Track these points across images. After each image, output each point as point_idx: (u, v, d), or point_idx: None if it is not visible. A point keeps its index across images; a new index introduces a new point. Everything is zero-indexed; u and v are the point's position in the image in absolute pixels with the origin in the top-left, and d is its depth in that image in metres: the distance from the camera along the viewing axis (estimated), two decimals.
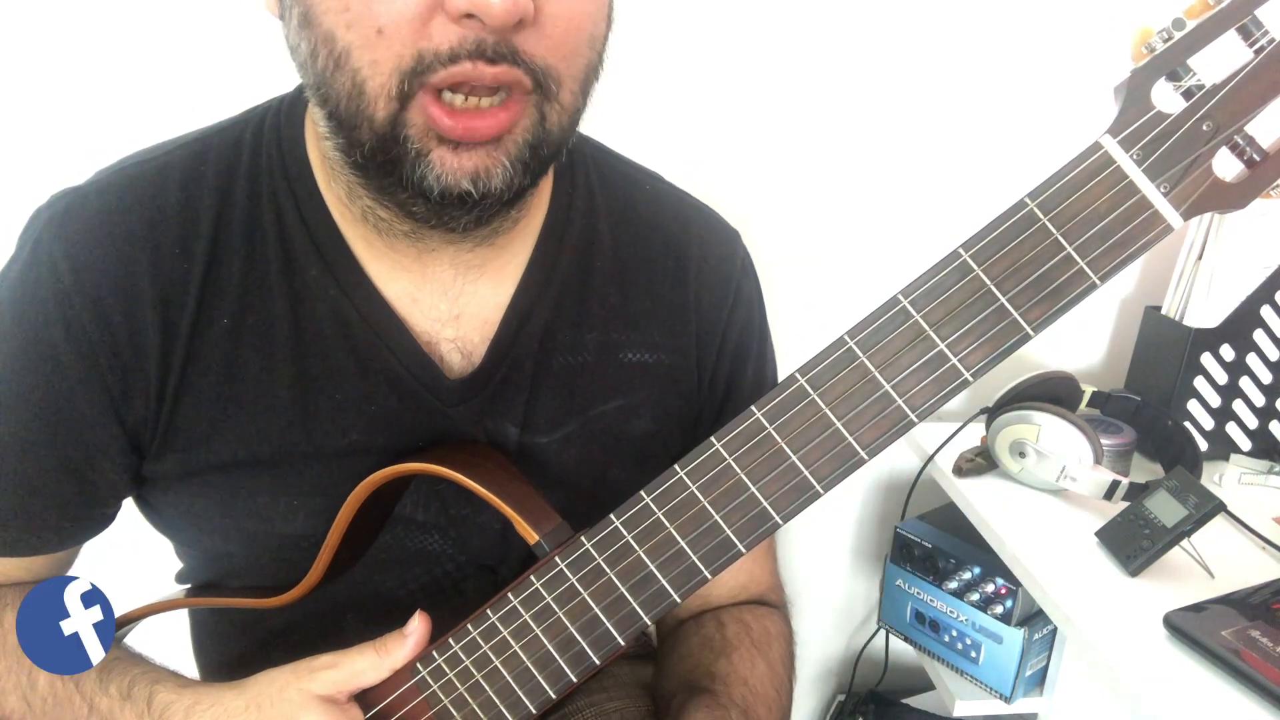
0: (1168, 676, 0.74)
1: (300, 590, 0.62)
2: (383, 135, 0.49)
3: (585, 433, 0.65)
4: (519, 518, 0.57)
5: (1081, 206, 0.44)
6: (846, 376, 0.48)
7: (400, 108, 0.48)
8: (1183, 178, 0.43)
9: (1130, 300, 1.22)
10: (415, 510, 0.64)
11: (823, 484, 0.49)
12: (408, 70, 0.47)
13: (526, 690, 0.57)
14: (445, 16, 0.46)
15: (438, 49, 0.46)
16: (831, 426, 0.48)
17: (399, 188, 0.51)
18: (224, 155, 0.60)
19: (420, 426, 0.61)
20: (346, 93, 0.49)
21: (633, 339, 0.65)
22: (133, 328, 0.57)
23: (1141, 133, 0.43)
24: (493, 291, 0.62)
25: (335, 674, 0.56)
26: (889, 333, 0.47)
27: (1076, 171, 0.44)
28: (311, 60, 0.50)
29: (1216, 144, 0.42)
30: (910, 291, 0.46)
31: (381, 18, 0.46)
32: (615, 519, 0.53)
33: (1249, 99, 0.42)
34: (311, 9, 0.48)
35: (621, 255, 0.65)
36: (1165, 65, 0.42)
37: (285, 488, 0.61)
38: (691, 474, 0.51)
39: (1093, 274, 0.44)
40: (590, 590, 0.54)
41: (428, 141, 0.49)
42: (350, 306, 0.59)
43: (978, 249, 0.45)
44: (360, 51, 0.47)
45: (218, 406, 0.59)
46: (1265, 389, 1.10)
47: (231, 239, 0.58)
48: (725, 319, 0.68)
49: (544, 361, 0.63)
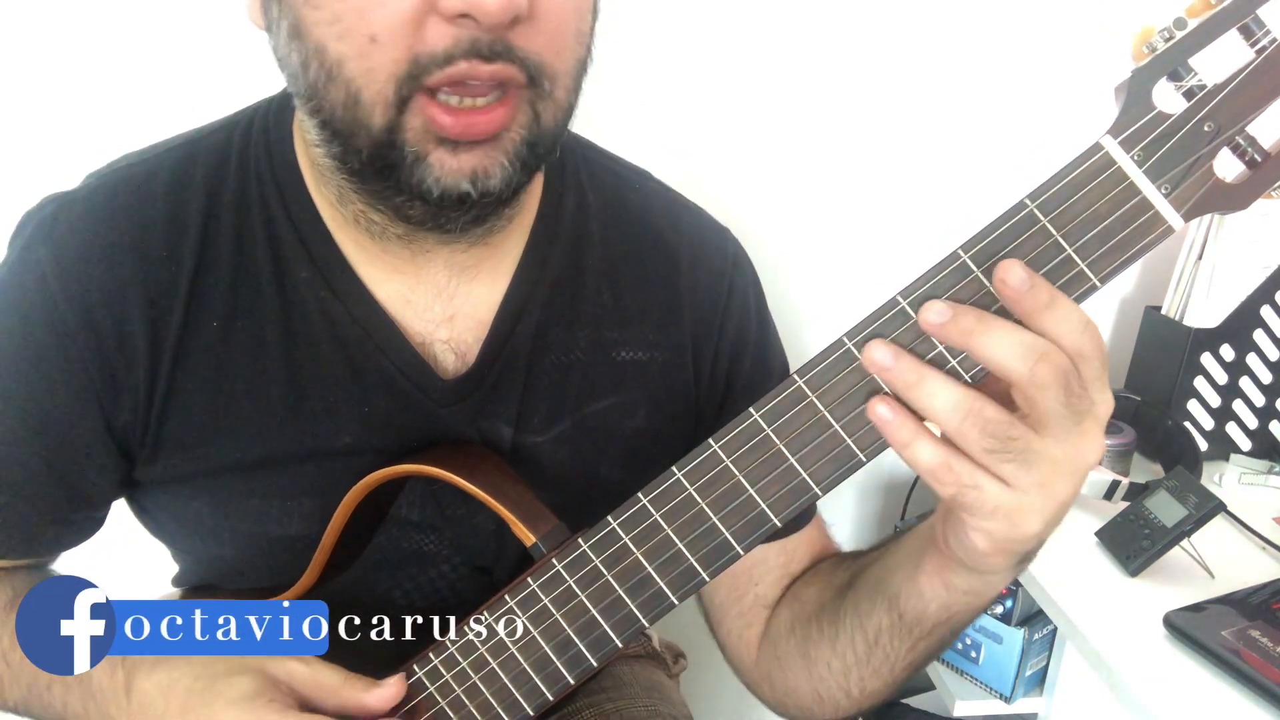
0: (1168, 676, 0.74)
1: (295, 592, 0.62)
2: (380, 141, 0.49)
3: (579, 431, 0.64)
4: (515, 519, 0.57)
5: (1082, 208, 0.43)
6: (845, 378, 0.47)
7: (398, 113, 0.48)
8: (1184, 179, 0.42)
9: (1130, 300, 1.23)
10: (410, 511, 0.63)
11: (821, 485, 0.49)
12: (404, 75, 0.47)
13: (524, 692, 0.56)
14: (439, 18, 0.46)
15: (433, 51, 0.46)
16: (830, 428, 0.48)
17: (396, 191, 0.51)
18: (211, 159, 0.60)
19: (414, 427, 0.61)
20: (341, 103, 0.49)
21: (625, 337, 0.65)
22: (120, 332, 0.57)
23: (1143, 133, 0.43)
24: (486, 291, 0.62)
25: (299, 666, 0.55)
26: (888, 334, 0.46)
27: (1077, 172, 0.43)
28: (303, 72, 0.49)
29: (1218, 145, 0.42)
30: (909, 292, 0.46)
31: (374, 25, 0.46)
32: (612, 520, 0.53)
33: (1250, 99, 0.41)
34: (300, 22, 0.48)
35: (612, 253, 0.65)
36: (1166, 65, 0.42)
37: (279, 490, 0.61)
38: (689, 475, 0.51)
39: (1093, 275, 0.44)
40: (588, 592, 0.54)
41: (426, 144, 0.49)
42: (342, 309, 0.59)
43: (977, 250, 0.45)
44: (354, 61, 0.47)
45: (209, 410, 0.59)
46: (1265, 389, 1.11)
47: (220, 242, 0.58)
48: (720, 315, 0.68)
49: (537, 360, 0.63)
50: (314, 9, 0.47)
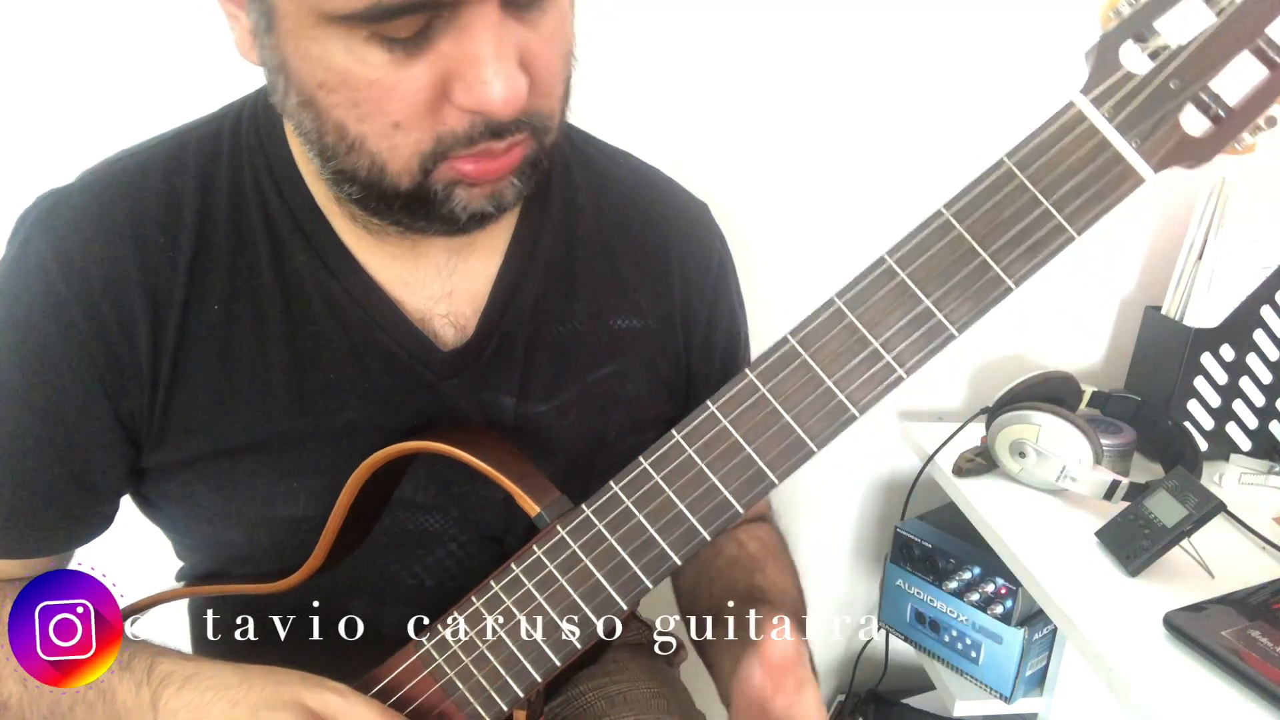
0: (1168, 676, 0.74)
1: (304, 573, 0.63)
2: (409, 195, 0.52)
3: (581, 399, 0.66)
4: (520, 491, 0.58)
5: (1057, 163, 0.46)
6: (837, 336, 0.49)
7: (425, 176, 0.51)
8: (1152, 132, 0.45)
9: (1130, 300, 1.23)
10: (415, 493, 0.65)
11: (816, 441, 0.51)
12: (428, 152, 0.50)
13: (531, 659, 0.57)
14: (453, 106, 0.49)
15: (455, 131, 0.49)
16: (823, 385, 0.50)
17: (424, 221, 0.54)
18: (204, 147, 0.61)
19: (416, 402, 0.62)
20: (366, 168, 0.51)
21: (621, 305, 0.67)
22: (123, 319, 0.58)
23: (1112, 91, 0.45)
24: (483, 265, 0.64)
25: (336, 698, 0.54)
26: (876, 291, 0.48)
27: (1052, 129, 0.46)
28: (317, 135, 0.51)
29: (1183, 100, 0.44)
30: (896, 251, 0.48)
31: (395, 114, 0.48)
32: (614, 485, 0.54)
33: (1211, 58, 0.44)
34: (313, 99, 0.50)
35: (603, 225, 0.67)
36: (1132, 28, 0.45)
37: (285, 470, 0.62)
38: (688, 437, 0.52)
39: (1070, 227, 0.46)
40: (592, 556, 0.55)
41: (451, 187, 0.52)
42: (341, 289, 0.61)
43: (959, 207, 0.47)
44: (377, 139, 0.50)
45: (213, 392, 0.60)
46: (1265, 389, 1.10)
47: (217, 227, 0.59)
48: (711, 285, 0.70)
49: (537, 332, 0.64)
50: (329, 93, 0.49)
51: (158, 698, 0.55)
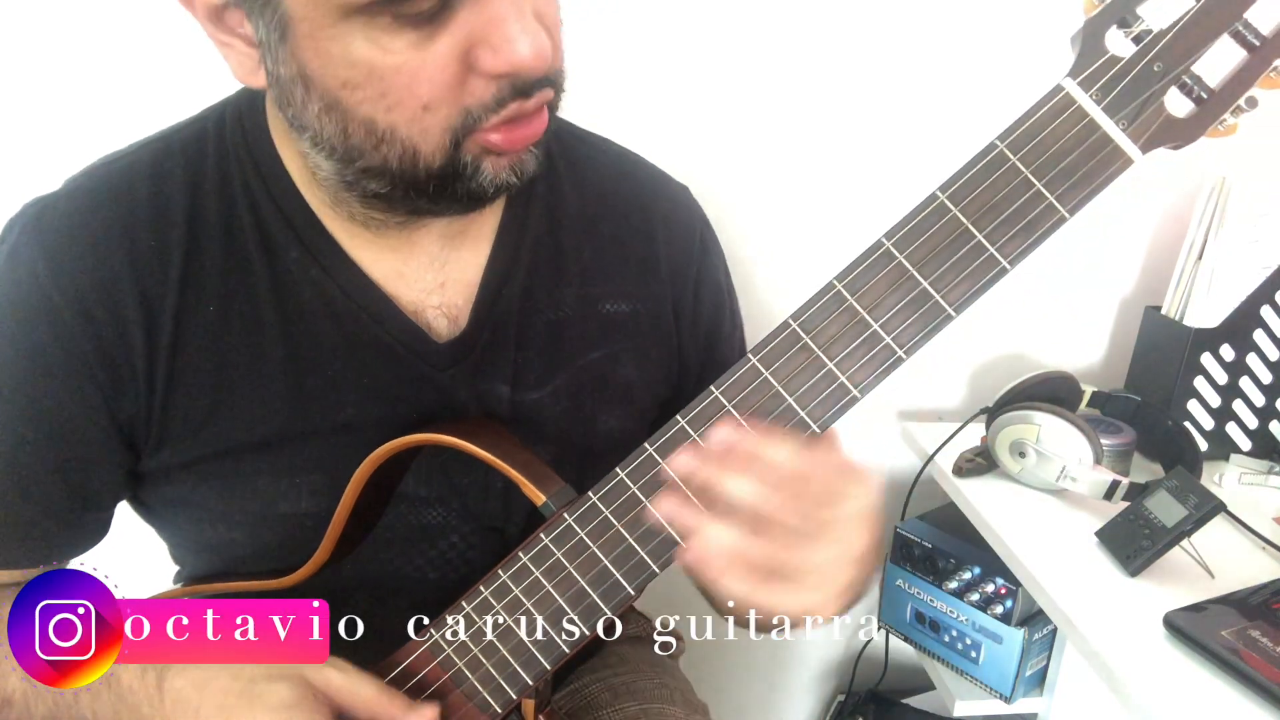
0: (1168, 676, 0.74)
1: (309, 569, 0.63)
2: (441, 173, 0.53)
3: (573, 384, 0.67)
4: (526, 480, 0.59)
5: (1048, 145, 0.47)
6: (836, 319, 0.50)
7: (455, 150, 0.52)
8: (1138, 114, 0.46)
9: (1130, 300, 1.22)
10: (419, 487, 0.65)
11: (819, 424, 0.52)
12: (458, 126, 0.51)
13: (540, 647, 0.58)
14: (480, 75, 0.50)
15: (483, 100, 0.50)
16: (824, 368, 0.51)
17: (449, 200, 0.55)
18: (189, 148, 0.61)
19: (413, 394, 0.63)
20: (397, 158, 0.52)
21: (609, 290, 0.68)
22: (117, 322, 0.58)
23: (1098, 74, 0.46)
24: (472, 255, 0.65)
25: (336, 674, 0.56)
26: (875, 275, 0.50)
27: (1041, 113, 0.47)
28: (342, 138, 0.52)
29: (1167, 83, 0.46)
30: (893, 234, 0.49)
31: (424, 96, 0.49)
32: (620, 471, 0.55)
33: (1193, 42, 0.45)
34: (338, 101, 0.50)
35: (588, 211, 0.68)
36: (1116, 14, 0.46)
37: (285, 468, 0.62)
38: (693, 422, 0.53)
39: (1061, 207, 0.47)
40: (599, 543, 0.56)
41: (481, 158, 0.53)
42: (334, 285, 0.61)
43: (954, 190, 0.48)
44: (408, 126, 0.51)
45: (211, 393, 0.60)
46: (1265, 389, 1.11)
47: (207, 228, 0.60)
48: (697, 266, 0.71)
49: (527, 319, 0.65)
50: (354, 90, 0.50)
51: (162, 678, 0.56)
